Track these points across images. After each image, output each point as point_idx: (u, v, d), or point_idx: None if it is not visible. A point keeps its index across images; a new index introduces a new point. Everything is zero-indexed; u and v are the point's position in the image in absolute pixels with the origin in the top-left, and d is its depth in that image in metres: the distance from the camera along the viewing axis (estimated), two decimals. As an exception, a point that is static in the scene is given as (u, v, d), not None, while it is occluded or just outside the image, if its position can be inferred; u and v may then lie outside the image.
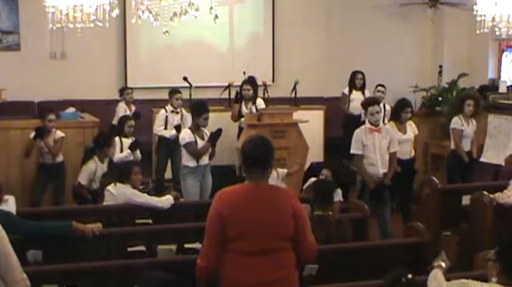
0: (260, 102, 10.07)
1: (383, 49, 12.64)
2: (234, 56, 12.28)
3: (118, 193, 6.77)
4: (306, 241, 4.11)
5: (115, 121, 9.77)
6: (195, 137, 8.01)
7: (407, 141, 8.51)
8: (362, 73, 11.18)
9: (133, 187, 6.85)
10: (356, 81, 11.17)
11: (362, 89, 11.17)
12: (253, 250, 3.97)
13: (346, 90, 11.19)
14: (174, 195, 6.99)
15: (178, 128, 9.11)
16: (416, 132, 8.71)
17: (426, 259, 5.58)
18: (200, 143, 8.03)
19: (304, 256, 4.16)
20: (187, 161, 8.05)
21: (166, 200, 6.81)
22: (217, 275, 4.05)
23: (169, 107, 9.65)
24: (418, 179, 8.95)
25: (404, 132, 8.46)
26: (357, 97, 11.12)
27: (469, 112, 8.96)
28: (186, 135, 8.07)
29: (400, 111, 8.52)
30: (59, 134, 8.69)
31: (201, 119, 8.04)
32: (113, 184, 6.90)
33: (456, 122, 8.99)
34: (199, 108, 8.12)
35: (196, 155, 8.00)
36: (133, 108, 10.38)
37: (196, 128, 8.08)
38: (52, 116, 8.63)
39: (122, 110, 10.23)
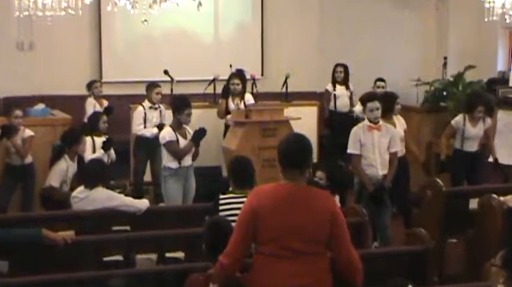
0: (249, 98, 10.07)
1: (382, 39, 12.66)
2: (220, 48, 12.29)
3: (89, 198, 6.75)
4: (344, 250, 4.23)
5: (86, 119, 9.72)
6: (176, 136, 8.01)
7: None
8: (343, 65, 11.36)
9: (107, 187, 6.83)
10: (335, 74, 11.31)
11: (345, 83, 11.30)
12: (285, 254, 4.14)
13: (330, 86, 11.38)
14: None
15: (160, 127, 9.10)
16: (405, 126, 8.72)
17: (429, 268, 5.62)
18: (182, 142, 8.02)
19: (344, 268, 4.26)
20: (168, 162, 8.04)
21: (143, 202, 6.79)
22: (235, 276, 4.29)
23: (146, 103, 9.64)
24: (418, 180, 8.97)
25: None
26: (342, 93, 11.27)
27: (479, 118, 8.95)
28: (166, 133, 8.06)
29: (393, 105, 8.41)
30: (28, 132, 8.66)
31: (183, 116, 8.04)
32: (81, 188, 6.86)
33: (457, 121, 9.03)
34: (180, 104, 8.12)
35: (178, 155, 7.99)
36: (104, 103, 10.34)
37: (178, 126, 8.07)
38: (18, 113, 8.59)
39: (91, 106, 10.18)
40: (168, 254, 6.16)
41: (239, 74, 10.20)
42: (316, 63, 12.32)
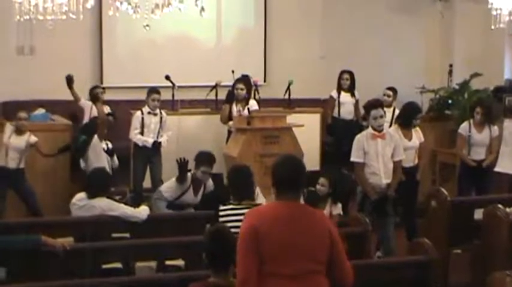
0: (253, 104, 10.08)
1: (386, 46, 12.67)
2: (222, 53, 12.29)
3: (88, 206, 6.75)
4: (343, 266, 4.28)
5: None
6: (182, 191, 8.02)
7: (412, 149, 8.56)
8: (349, 72, 11.35)
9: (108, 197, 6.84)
10: (341, 81, 11.31)
11: (351, 90, 11.31)
12: (288, 273, 4.11)
13: (334, 93, 11.38)
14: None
15: (154, 143, 9.25)
16: (422, 139, 8.76)
17: (433, 279, 5.61)
18: (187, 196, 8.05)
19: (341, 279, 4.28)
20: (166, 191, 8.11)
21: (143, 211, 6.82)
22: None
23: (146, 109, 9.63)
24: (422, 189, 8.97)
25: (410, 139, 8.50)
26: (347, 100, 11.27)
27: (477, 120, 9.02)
28: (165, 188, 8.13)
29: (412, 118, 8.56)
30: (33, 138, 8.70)
31: (198, 172, 7.98)
32: (82, 195, 6.85)
33: (463, 127, 9.12)
34: (198, 160, 8.04)
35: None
36: (106, 109, 10.31)
37: (193, 179, 8.04)
38: (23, 115, 8.65)
39: (88, 108, 10.12)
40: (168, 262, 6.15)
41: (244, 79, 10.21)
42: (320, 70, 12.32)
